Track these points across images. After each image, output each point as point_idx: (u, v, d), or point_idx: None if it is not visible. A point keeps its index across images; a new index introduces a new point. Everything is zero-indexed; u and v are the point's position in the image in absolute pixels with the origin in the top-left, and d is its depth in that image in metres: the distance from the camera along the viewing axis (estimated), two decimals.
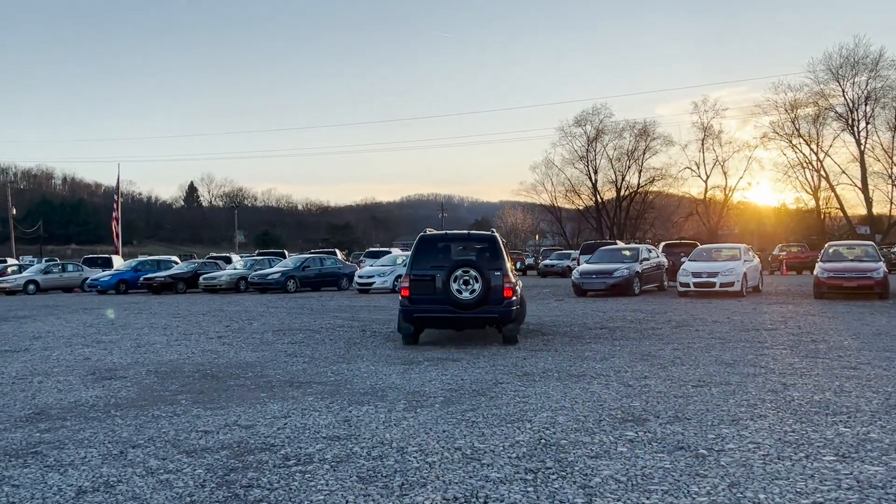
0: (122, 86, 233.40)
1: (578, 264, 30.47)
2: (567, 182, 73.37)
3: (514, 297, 11.92)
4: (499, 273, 11.81)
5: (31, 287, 36.13)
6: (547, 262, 49.62)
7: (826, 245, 24.23)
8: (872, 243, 24.96)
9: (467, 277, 11.73)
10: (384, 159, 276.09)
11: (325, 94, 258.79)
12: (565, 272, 44.58)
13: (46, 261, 54.77)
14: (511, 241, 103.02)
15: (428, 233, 12.66)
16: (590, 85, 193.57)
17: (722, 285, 22.45)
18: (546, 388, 8.10)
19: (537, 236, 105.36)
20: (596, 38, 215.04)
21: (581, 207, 74.70)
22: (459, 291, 11.74)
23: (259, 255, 44.97)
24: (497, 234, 12.70)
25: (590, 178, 72.39)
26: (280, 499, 4.62)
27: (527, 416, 6.73)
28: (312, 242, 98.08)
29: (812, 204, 61.70)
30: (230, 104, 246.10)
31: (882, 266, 21.23)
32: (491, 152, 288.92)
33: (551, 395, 7.70)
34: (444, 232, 12.96)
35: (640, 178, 70.91)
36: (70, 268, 39.64)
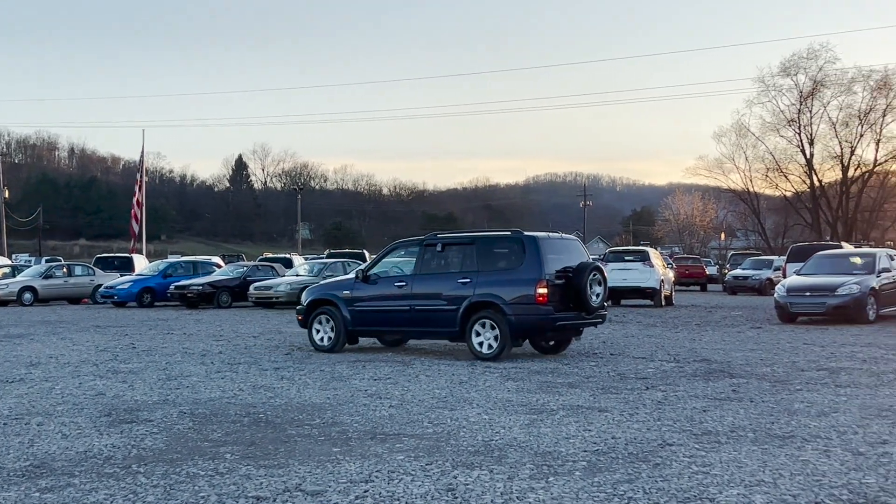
0: (148, 25, 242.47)
1: (784, 276, 29.82)
2: (768, 157, 71.71)
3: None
4: None
5: (28, 296, 37.93)
6: (737, 272, 48.79)
7: None
8: None
9: (593, 281, 15.36)
10: (501, 125, 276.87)
11: (416, 37, 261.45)
12: (764, 288, 43.70)
13: (47, 261, 57.65)
14: (685, 241, 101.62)
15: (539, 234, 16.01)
16: (803, 17, 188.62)
17: None
18: (736, 453, 7.98)
19: (723, 235, 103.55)
20: None
21: (788, 194, 72.95)
22: (590, 296, 15.27)
23: (330, 256, 45.90)
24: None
25: (802, 152, 70.46)
26: None
27: (708, 492, 6.64)
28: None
29: None
30: (292, 51, 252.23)
31: None
32: (656, 115, 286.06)
33: (744, 463, 7.58)
34: (557, 233, 16.75)
35: (877, 151, 68.56)
36: (78, 271, 41.45)
